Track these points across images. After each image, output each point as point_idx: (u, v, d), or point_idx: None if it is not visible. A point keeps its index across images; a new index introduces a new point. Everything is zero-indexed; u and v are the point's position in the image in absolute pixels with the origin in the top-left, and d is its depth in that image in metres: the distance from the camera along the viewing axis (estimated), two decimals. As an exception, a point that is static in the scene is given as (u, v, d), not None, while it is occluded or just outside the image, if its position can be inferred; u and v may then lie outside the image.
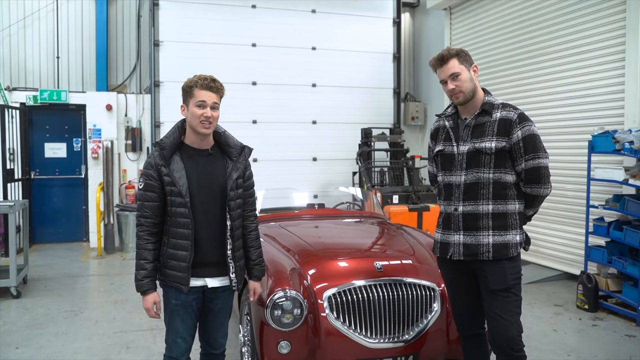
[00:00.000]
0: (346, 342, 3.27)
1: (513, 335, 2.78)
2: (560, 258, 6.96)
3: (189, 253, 2.70)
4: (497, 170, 2.81)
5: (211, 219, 2.77)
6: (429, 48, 10.79)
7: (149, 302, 2.75)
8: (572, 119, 6.83)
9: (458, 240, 2.90)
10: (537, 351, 4.49)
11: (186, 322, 2.81)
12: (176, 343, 2.83)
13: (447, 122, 3.02)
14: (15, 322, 5.26)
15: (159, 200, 2.71)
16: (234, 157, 2.87)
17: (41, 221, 9.31)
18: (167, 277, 2.75)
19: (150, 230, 2.72)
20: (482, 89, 2.96)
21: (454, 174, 2.92)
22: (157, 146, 2.74)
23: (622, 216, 5.56)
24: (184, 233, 2.71)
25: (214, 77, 2.77)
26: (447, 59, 2.87)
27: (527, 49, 7.61)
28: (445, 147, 2.98)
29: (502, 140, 2.79)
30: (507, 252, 2.82)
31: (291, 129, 10.09)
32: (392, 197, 8.15)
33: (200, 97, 2.71)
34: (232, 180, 2.81)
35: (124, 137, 9.38)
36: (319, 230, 4.86)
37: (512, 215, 2.86)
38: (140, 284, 2.72)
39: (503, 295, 2.80)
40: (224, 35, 9.61)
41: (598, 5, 6.43)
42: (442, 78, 2.91)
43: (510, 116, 2.80)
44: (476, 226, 2.85)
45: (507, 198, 2.84)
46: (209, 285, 2.80)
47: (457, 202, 2.91)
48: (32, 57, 9.30)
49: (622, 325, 5.19)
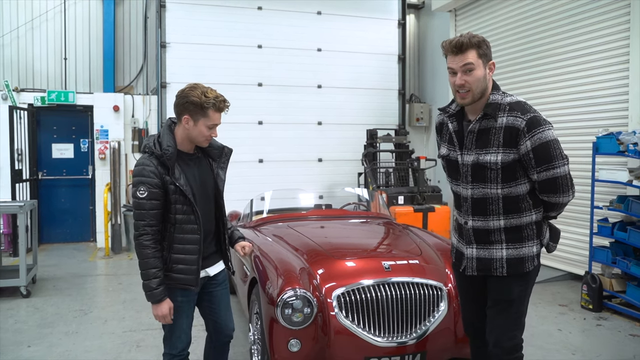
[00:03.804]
0: (355, 341, 3.32)
1: (508, 349, 2.64)
2: (565, 258, 7.00)
3: (198, 256, 2.78)
4: (506, 184, 2.53)
5: (209, 218, 2.91)
6: (434, 49, 10.85)
7: (165, 309, 2.73)
8: (576, 120, 6.87)
9: (471, 254, 2.70)
10: (542, 350, 4.54)
11: (189, 316, 2.93)
12: (180, 338, 2.92)
13: (451, 123, 2.71)
14: (26, 321, 5.33)
15: (161, 208, 2.72)
16: (215, 158, 2.96)
17: (48, 221, 9.39)
18: (174, 280, 2.78)
19: (156, 238, 2.72)
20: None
21: (461, 185, 2.69)
22: (162, 157, 2.70)
23: (626, 217, 5.60)
24: (193, 238, 2.78)
25: (224, 98, 2.80)
26: (465, 47, 2.47)
27: (531, 51, 7.65)
28: (450, 153, 2.74)
29: (509, 153, 2.48)
30: (522, 268, 2.60)
31: (297, 129, 10.17)
32: (398, 198, 8.20)
33: (214, 120, 2.74)
34: (222, 180, 2.97)
35: (130, 137, 9.47)
36: (327, 230, 4.92)
37: (528, 226, 2.61)
38: (155, 293, 2.69)
39: (505, 306, 2.65)
40: (230, 37, 9.69)
41: (602, 8, 6.47)
42: (453, 67, 2.52)
43: (518, 124, 2.44)
44: (488, 240, 2.64)
45: (520, 211, 2.59)
46: (211, 274, 2.97)
47: (466, 216, 2.69)
48: (40, 58, 9.38)
49: (626, 325, 5.23)
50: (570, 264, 6.97)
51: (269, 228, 4.88)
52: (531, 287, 2.72)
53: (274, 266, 3.69)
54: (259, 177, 9.50)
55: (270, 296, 3.36)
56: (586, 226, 6.28)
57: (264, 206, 5.57)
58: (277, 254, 3.94)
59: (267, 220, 5.18)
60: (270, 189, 5.97)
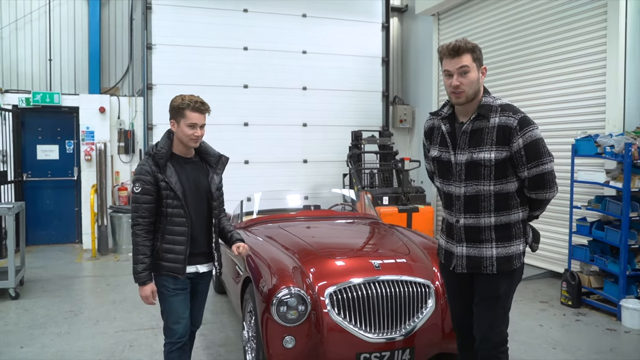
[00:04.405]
0: (347, 337, 3.44)
1: (494, 343, 2.78)
2: (545, 257, 7.19)
3: (186, 247, 3.13)
4: (499, 181, 2.67)
5: (200, 218, 3.23)
6: (417, 52, 11.05)
7: (148, 291, 3.12)
8: (556, 123, 7.07)
9: (461, 252, 2.82)
10: (525, 345, 4.71)
11: (184, 303, 3.21)
12: (178, 324, 3.19)
13: (444, 125, 2.84)
14: (17, 322, 5.35)
15: (154, 202, 3.09)
16: (213, 165, 3.32)
17: (33, 223, 9.33)
18: (164, 268, 3.13)
19: (147, 229, 3.09)
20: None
21: (453, 185, 2.80)
22: (155, 156, 3.10)
23: (604, 216, 5.81)
24: (182, 230, 3.12)
25: (203, 100, 3.14)
26: (462, 51, 2.63)
27: (512, 55, 7.85)
28: (442, 154, 2.84)
29: (502, 150, 2.63)
30: (510, 266, 2.75)
31: (282, 131, 10.24)
32: (382, 199, 8.35)
33: (192, 119, 3.08)
34: (215, 185, 3.29)
35: (116, 139, 9.46)
36: (317, 230, 5.03)
37: (515, 224, 2.77)
38: (140, 275, 3.09)
39: (491, 303, 2.79)
40: (216, 39, 9.74)
41: (580, 15, 6.68)
42: (449, 69, 2.67)
43: (510, 122, 2.62)
44: (479, 238, 2.77)
45: (510, 208, 2.74)
46: (200, 271, 3.27)
47: (458, 214, 2.80)
48: (25, 59, 9.34)
49: (603, 320, 5.43)
50: (551, 262, 7.17)
51: (260, 229, 4.98)
52: (516, 284, 2.87)
53: (267, 265, 3.80)
54: (245, 179, 9.52)
55: (265, 294, 3.46)
56: (565, 225, 6.48)
57: (253, 207, 5.66)
58: (270, 254, 4.05)
59: (258, 221, 5.27)
60: (256, 190, 6.06)
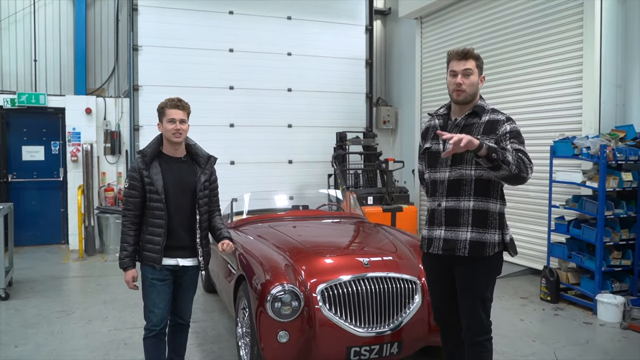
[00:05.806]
0: (338, 332, 3.60)
1: (477, 331, 3.01)
2: (525, 255, 7.40)
3: (162, 238, 3.39)
4: (479, 167, 2.90)
5: (183, 213, 3.47)
6: (400, 54, 11.25)
7: (129, 277, 3.47)
8: (535, 125, 7.28)
9: (439, 235, 3.06)
10: (506, 338, 4.92)
11: (161, 294, 3.44)
12: (153, 312, 3.44)
13: (437, 120, 3.18)
14: (9, 322, 5.39)
15: (140, 197, 3.41)
16: (202, 165, 3.57)
17: (19, 224, 9.22)
18: (145, 257, 3.43)
19: (132, 221, 3.43)
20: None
21: (439, 171, 3.07)
22: (140, 154, 3.43)
23: (581, 215, 6.04)
24: (159, 223, 3.40)
25: (180, 98, 3.48)
26: (469, 56, 2.99)
27: (492, 59, 8.05)
28: (432, 145, 3.14)
29: (486, 139, 2.88)
30: (483, 251, 2.95)
31: (267, 132, 10.36)
32: (367, 198, 8.52)
33: (171, 115, 3.40)
34: (201, 183, 3.51)
35: (102, 140, 9.48)
36: (307, 229, 5.18)
37: (492, 214, 2.99)
38: (123, 261, 3.44)
39: (472, 297, 3.01)
40: (202, 41, 9.81)
41: (558, 20, 6.92)
42: (455, 70, 3.00)
43: (499, 117, 2.97)
44: (457, 222, 3.00)
45: (488, 196, 2.98)
46: (180, 264, 3.49)
47: (440, 198, 3.06)
48: (9, 59, 9.32)
49: (580, 314, 5.66)
50: (530, 260, 7.39)
51: (250, 228, 5.11)
52: (494, 274, 3.08)
53: (259, 263, 3.93)
54: (231, 179, 9.54)
55: (259, 291, 3.60)
56: (544, 224, 6.68)
57: (242, 207, 5.77)
58: (262, 252, 4.19)
59: (248, 220, 5.40)
60: (242, 190, 6.16)
